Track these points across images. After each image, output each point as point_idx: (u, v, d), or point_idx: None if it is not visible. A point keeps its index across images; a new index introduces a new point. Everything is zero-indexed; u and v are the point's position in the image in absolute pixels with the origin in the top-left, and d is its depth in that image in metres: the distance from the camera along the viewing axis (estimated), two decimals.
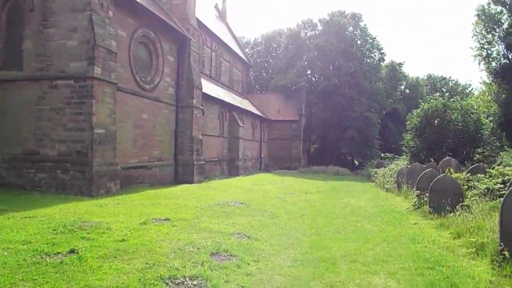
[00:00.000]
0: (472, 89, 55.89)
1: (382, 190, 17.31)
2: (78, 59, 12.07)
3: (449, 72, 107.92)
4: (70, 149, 12.04)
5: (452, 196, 8.88)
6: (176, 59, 18.50)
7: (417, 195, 10.78)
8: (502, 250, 5.21)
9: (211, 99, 23.86)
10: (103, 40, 12.21)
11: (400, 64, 43.37)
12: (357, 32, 40.97)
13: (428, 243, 6.54)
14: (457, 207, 8.23)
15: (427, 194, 9.99)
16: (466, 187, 10.07)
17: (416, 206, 10.51)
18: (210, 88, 25.66)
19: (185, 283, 4.35)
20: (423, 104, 20.32)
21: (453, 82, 58.37)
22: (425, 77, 58.31)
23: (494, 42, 27.02)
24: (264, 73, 51.73)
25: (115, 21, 13.60)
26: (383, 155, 27.58)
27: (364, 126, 37.64)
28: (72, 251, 4.98)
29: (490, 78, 28.49)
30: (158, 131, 17.12)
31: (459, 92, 46.58)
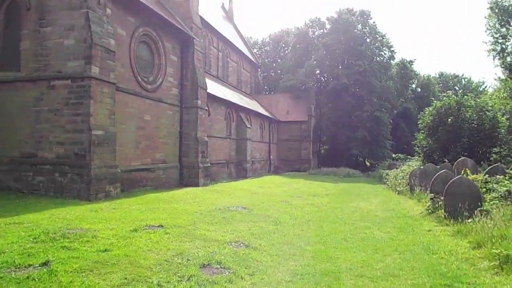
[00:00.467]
0: (486, 87, 54.57)
1: (394, 193, 16.60)
2: (75, 59, 11.68)
3: (462, 70, 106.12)
4: (68, 152, 11.65)
5: (470, 200, 8.20)
6: (180, 59, 18.06)
7: (431, 199, 10.10)
8: None
9: (218, 100, 23.40)
10: (101, 39, 11.80)
11: (411, 62, 42.35)
12: (366, 30, 40.17)
13: (445, 254, 5.90)
14: (476, 212, 7.56)
15: (442, 198, 9.32)
16: (484, 190, 9.38)
17: (430, 211, 9.82)
18: (217, 89, 25.22)
19: None
20: (436, 102, 19.55)
21: (466, 80, 57.10)
22: (437, 75, 57.18)
23: (509, 36, 25.96)
24: (273, 73, 51.19)
25: (114, 20, 13.20)
26: (395, 156, 26.81)
27: (375, 126, 36.82)
28: (45, 264, 4.50)
29: (506, 74, 27.40)
30: (162, 133, 16.68)
31: (472, 90, 45.31)
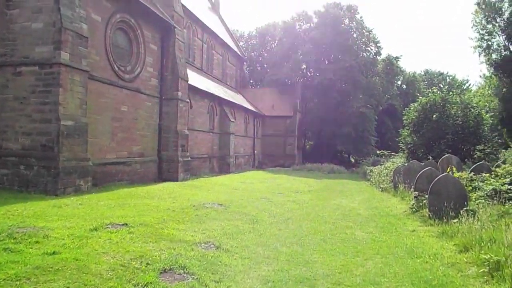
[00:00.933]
0: (470, 85, 55.07)
1: (378, 190, 16.29)
2: (44, 44, 10.92)
3: (447, 68, 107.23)
4: (35, 143, 10.91)
5: (455, 199, 7.84)
6: (160, 48, 17.33)
7: (415, 197, 9.73)
8: None
9: (200, 92, 22.73)
10: (71, 23, 11.06)
11: (397, 58, 42.23)
12: (353, 25, 39.84)
13: (430, 258, 5.48)
14: (462, 212, 7.19)
15: (426, 196, 8.97)
16: (470, 188, 9.04)
17: (414, 209, 9.45)
18: (200, 81, 24.53)
19: None
20: (421, 98, 19.30)
21: (451, 78, 57.51)
22: (422, 73, 57.40)
23: (495, 33, 25.92)
24: (259, 67, 50.57)
25: (88, 4, 12.45)
26: (379, 152, 26.59)
27: (360, 122, 36.63)
28: None
29: (491, 71, 27.39)
30: (140, 125, 15.98)
31: (457, 88, 45.54)
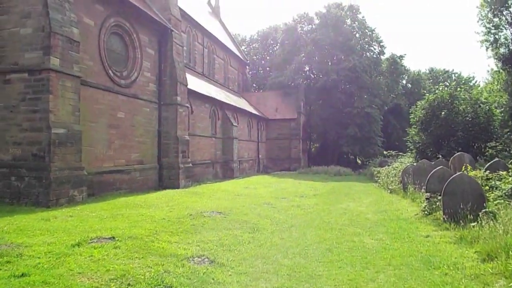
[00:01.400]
0: (476, 82, 54.07)
1: (386, 192, 15.63)
2: (33, 49, 10.50)
3: (452, 65, 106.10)
4: (26, 153, 10.45)
5: (472, 200, 7.20)
6: (158, 52, 16.88)
7: (427, 199, 9.10)
8: None
9: (201, 97, 22.27)
10: (61, 27, 10.63)
11: (401, 57, 41.48)
12: (355, 25, 39.25)
13: (449, 269, 4.85)
14: (481, 214, 6.57)
15: (439, 197, 8.35)
16: (487, 188, 8.41)
17: (427, 212, 8.80)
18: (202, 86, 24.11)
19: None
20: (428, 95, 18.65)
21: (456, 75, 56.55)
22: (427, 71, 56.50)
23: (502, 26, 25.15)
24: (262, 71, 50.12)
25: (79, 8, 12.04)
26: (386, 153, 25.92)
27: (366, 123, 35.93)
28: None
29: (499, 65, 26.59)
30: (138, 131, 15.50)
31: (463, 85, 44.65)
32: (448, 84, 29.81)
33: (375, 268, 5.07)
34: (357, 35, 38.99)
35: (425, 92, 20.21)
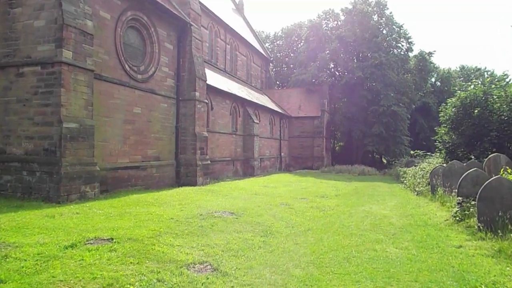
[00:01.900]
0: (510, 80, 51.55)
1: (413, 194, 14.74)
2: (46, 42, 10.27)
3: (484, 63, 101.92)
4: (38, 147, 10.26)
5: None
6: (176, 47, 16.54)
7: (459, 203, 8.29)
8: None
9: (222, 93, 21.86)
10: (74, 19, 10.36)
11: (430, 54, 39.74)
12: (382, 21, 37.87)
13: None
14: None
15: (473, 202, 7.55)
16: None
17: (458, 218, 7.99)
18: (223, 82, 23.71)
19: None
20: (460, 93, 17.49)
21: (489, 73, 54.08)
22: (458, 69, 54.29)
23: None
24: (285, 68, 49.35)
25: (95, 1, 11.82)
26: (413, 153, 24.78)
27: (392, 121, 34.63)
28: None
29: None
30: (155, 127, 15.20)
31: (497, 82, 42.55)
32: (481, 81, 28.27)
33: (399, 285, 4.40)
34: (384, 32, 37.63)
35: (456, 90, 18.98)
